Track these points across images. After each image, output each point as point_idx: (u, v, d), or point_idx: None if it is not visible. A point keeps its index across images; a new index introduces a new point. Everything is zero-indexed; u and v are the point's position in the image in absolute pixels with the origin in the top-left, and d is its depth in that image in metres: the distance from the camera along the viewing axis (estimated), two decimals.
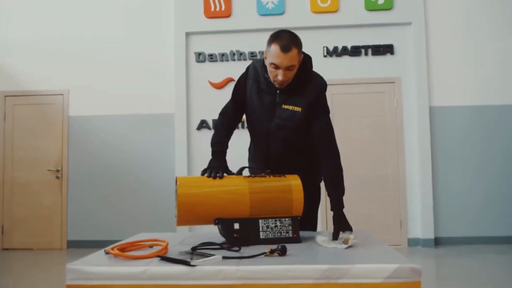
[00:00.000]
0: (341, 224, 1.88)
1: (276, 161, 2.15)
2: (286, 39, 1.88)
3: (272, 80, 1.99)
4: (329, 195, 2.01)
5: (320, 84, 2.07)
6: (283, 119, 2.05)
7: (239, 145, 2.77)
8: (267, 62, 1.97)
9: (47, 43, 6.12)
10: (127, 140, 5.96)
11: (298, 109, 2.02)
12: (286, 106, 2.04)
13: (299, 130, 2.08)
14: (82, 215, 5.91)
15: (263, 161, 2.20)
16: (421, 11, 5.70)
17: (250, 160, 2.39)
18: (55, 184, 5.99)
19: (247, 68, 2.19)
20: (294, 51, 1.88)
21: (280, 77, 1.92)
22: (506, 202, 5.53)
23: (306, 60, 2.04)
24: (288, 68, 1.90)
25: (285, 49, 1.86)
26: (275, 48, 1.88)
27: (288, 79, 1.96)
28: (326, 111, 2.09)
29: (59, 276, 4.29)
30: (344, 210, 2.00)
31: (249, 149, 2.40)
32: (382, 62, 5.77)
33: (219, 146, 2.12)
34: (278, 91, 2.04)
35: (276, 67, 1.91)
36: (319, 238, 1.77)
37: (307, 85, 2.03)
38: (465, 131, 5.63)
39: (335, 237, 1.79)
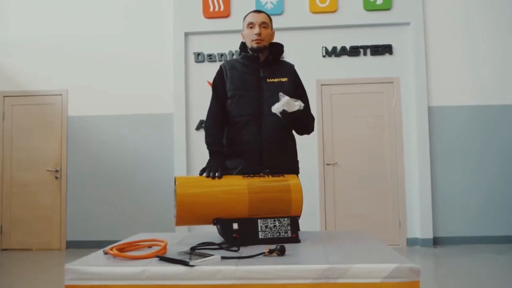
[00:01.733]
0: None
1: (272, 140, 2.17)
2: (257, 10, 2.38)
3: (250, 42, 2.26)
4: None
5: (291, 63, 2.37)
6: (273, 91, 2.16)
7: None
8: (244, 30, 2.30)
9: (46, 43, 6.11)
10: (126, 140, 5.96)
11: (284, 79, 2.24)
12: (271, 80, 2.23)
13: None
14: (81, 215, 5.90)
15: (254, 152, 2.17)
16: (419, 11, 5.70)
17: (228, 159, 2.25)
18: (54, 184, 5.98)
19: (219, 69, 2.32)
20: (264, 14, 2.32)
21: (256, 31, 2.23)
22: (505, 201, 5.53)
23: (279, 44, 2.34)
24: (262, 25, 2.26)
25: (257, 11, 2.34)
26: (249, 15, 2.32)
27: (264, 37, 2.25)
28: (303, 87, 2.36)
29: (58, 277, 4.29)
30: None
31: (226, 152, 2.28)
32: (381, 62, 5.77)
33: (216, 146, 2.18)
34: (261, 69, 2.24)
35: (253, 25, 2.26)
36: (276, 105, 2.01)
37: (282, 63, 2.34)
38: (463, 131, 5.64)
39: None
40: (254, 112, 2.18)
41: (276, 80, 2.22)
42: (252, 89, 2.21)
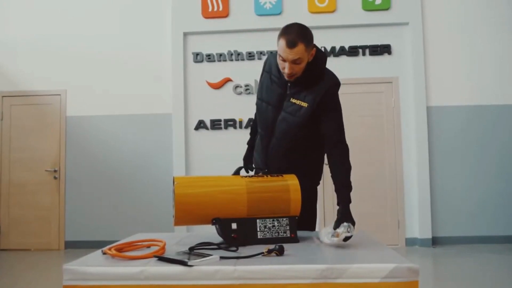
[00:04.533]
0: (343, 219, 1.83)
1: (275, 159, 2.14)
2: (293, 34, 1.89)
3: (282, 70, 1.99)
4: (336, 190, 2.04)
5: (331, 81, 2.06)
6: (288, 113, 2.05)
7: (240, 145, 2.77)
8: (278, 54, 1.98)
9: (45, 43, 6.10)
10: (125, 140, 5.95)
11: (304, 104, 2.01)
12: (294, 100, 2.03)
13: (304, 128, 2.06)
14: (79, 216, 5.89)
15: (263, 158, 2.19)
16: (418, 11, 5.70)
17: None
18: (52, 185, 5.97)
19: (264, 62, 2.22)
20: (300, 46, 1.88)
21: (286, 70, 1.94)
22: (504, 201, 5.54)
23: (319, 56, 2.04)
24: (294, 62, 1.91)
25: (290, 44, 1.87)
26: (282, 42, 1.90)
27: (296, 73, 1.96)
28: (337, 109, 2.10)
29: (56, 277, 4.28)
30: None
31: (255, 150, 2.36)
32: (380, 62, 5.77)
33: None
34: (289, 84, 2.04)
35: (283, 60, 1.92)
36: (324, 232, 1.78)
37: (318, 82, 2.02)
38: (462, 131, 5.64)
39: (335, 227, 1.76)
40: (267, 129, 2.14)
41: (297, 102, 2.03)
42: (273, 104, 2.10)
